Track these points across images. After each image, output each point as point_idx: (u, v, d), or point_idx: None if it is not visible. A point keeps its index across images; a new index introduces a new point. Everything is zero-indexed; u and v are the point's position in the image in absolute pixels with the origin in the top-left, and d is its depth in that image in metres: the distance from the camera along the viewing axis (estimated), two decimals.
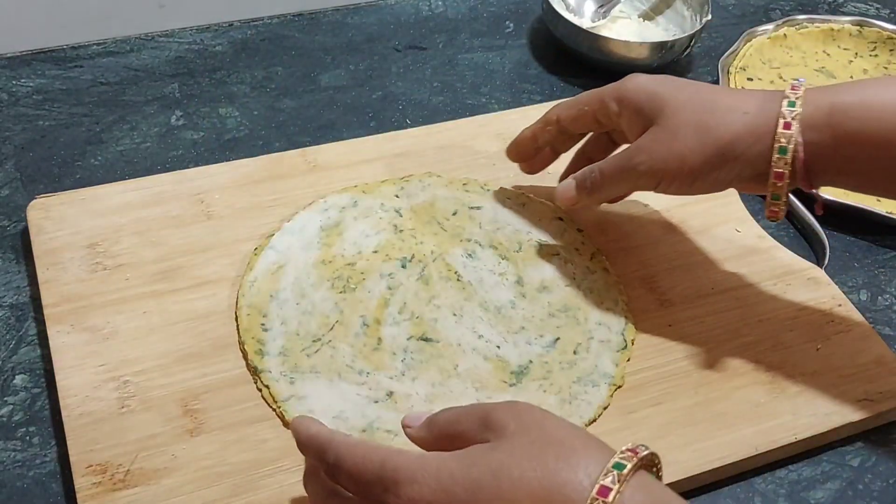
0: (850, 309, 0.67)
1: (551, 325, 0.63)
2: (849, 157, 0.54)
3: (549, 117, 0.66)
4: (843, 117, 0.53)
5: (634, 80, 0.61)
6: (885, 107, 0.53)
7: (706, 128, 0.55)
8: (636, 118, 0.59)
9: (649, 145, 0.58)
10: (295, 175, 0.72)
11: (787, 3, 1.02)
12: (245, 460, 0.55)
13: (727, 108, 0.56)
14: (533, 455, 0.41)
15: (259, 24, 0.91)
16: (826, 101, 0.54)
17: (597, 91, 0.63)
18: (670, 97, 0.57)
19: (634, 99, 0.60)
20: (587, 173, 0.63)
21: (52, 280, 0.63)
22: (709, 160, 0.56)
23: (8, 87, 0.81)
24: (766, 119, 0.54)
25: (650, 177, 0.59)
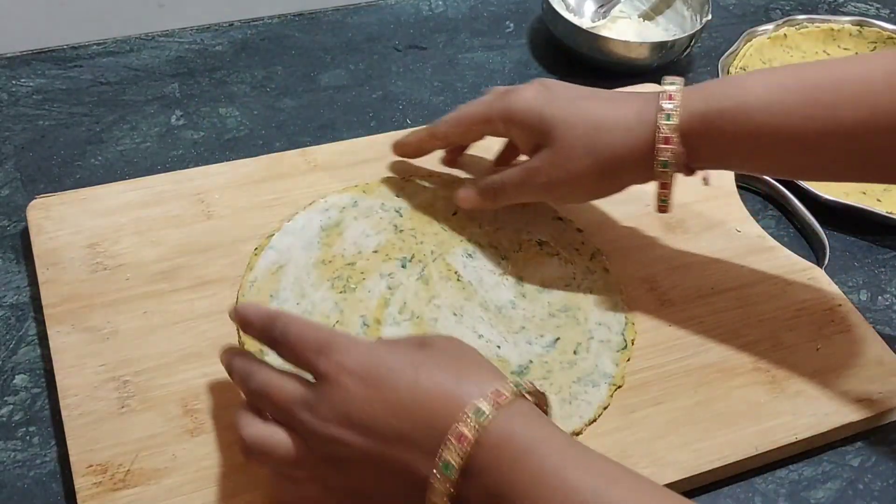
0: (850, 309, 0.67)
1: (551, 325, 0.63)
2: (724, 153, 0.59)
3: (436, 132, 0.67)
4: (717, 120, 0.57)
5: (521, 101, 0.62)
6: (755, 107, 0.56)
7: (595, 149, 0.59)
8: (526, 137, 0.62)
9: (547, 168, 0.61)
10: (295, 175, 0.72)
11: (788, 3, 1.02)
12: (245, 460, 0.55)
13: (611, 126, 0.59)
14: (450, 364, 0.47)
15: (259, 24, 0.91)
16: (700, 107, 0.57)
17: (482, 110, 0.64)
18: (559, 120, 0.60)
19: (522, 120, 0.62)
20: (490, 182, 0.65)
21: (52, 280, 0.63)
22: (602, 176, 0.60)
23: (8, 87, 0.81)
24: (646, 135, 0.58)
25: (550, 192, 0.63)
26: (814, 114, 0.55)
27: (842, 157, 0.56)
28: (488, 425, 0.43)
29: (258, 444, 0.48)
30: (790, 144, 0.56)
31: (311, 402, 0.47)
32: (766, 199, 0.78)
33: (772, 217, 0.77)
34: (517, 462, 0.43)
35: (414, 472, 0.45)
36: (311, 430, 0.47)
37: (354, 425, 0.46)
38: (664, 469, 0.56)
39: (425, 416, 0.45)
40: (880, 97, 0.53)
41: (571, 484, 0.42)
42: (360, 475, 0.47)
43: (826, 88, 0.55)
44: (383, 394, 0.46)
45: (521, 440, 0.44)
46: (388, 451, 0.45)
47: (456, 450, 0.43)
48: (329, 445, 0.46)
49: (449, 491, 0.43)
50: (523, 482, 0.43)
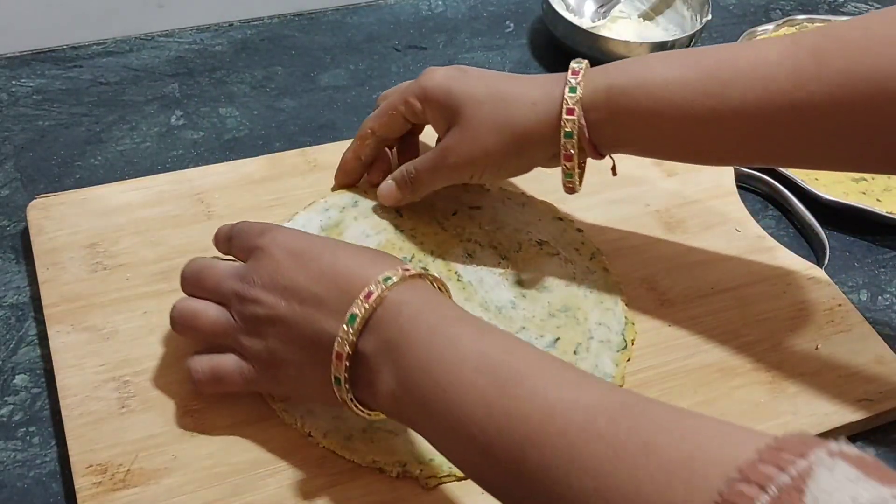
0: (850, 309, 0.67)
1: (551, 325, 0.63)
2: (628, 131, 0.60)
3: (364, 132, 0.68)
4: (620, 97, 0.58)
5: (433, 78, 0.63)
6: (656, 84, 0.57)
7: (502, 123, 0.60)
8: (438, 115, 0.63)
9: (457, 146, 0.62)
10: (295, 175, 0.72)
11: (788, 3, 1.02)
12: (245, 460, 0.55)
13: (517, 101, 0.60)
14: (367, 251, 0.53)
15: (259, 23, 0.91)
16: (604, 82, 0.59)
17: (399, 92, 0.66)
18: (466, 96, 0.61)
19: (434, 97, 0.63)
20: (404, 173, 0.66)
21: (52, 280, 0.63)
22: (510, 151, 0.61)
23: (8, 87, 0.81)
24: (551, 107, 0.59)
25: (462, 172, 0.64)
26: (711, 91, 0.56)
27: (739, 135, 0.58)
28: (394, 288, 0.49)
29: (186, 313, 0.55)
30: (688, 121, 0.57)
31: (242, 273, 0.53)
32: (766, 199, 0.78)
33: (772, 217, 0.77)
34: (413, 318, 0.48)
35: (322, 332, 0.50)
36: (237, 294, 0.53)
37: (277, 288, 0.51)
38: None
39: (340, 283, 0.50)
40: (774, 75, 0.55)
41: (459, 338, 0.47)
42: (276, 339, 0.52)
43: (723, 67, 0.56)
44: (306, 264, 0.52)
45: (421, 303, 0.49)
46: (305, 311, 0.50)
47: (362, 305, 0.48)
48: (251, 306, 0.52)
49: (351, 340, 0.48)
50: (417, 332, 0.47)
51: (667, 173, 0.76)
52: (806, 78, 0.54)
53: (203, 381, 0.55)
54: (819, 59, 0.54)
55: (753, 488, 0.33)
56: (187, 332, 0.56)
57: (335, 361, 0.49)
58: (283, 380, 0.53)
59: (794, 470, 0.33)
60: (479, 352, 0.46)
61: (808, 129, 0.56)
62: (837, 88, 0.54)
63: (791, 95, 0.55)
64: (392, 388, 0.48)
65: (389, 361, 0.48)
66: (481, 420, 0.43)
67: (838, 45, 0.54)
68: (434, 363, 0.46)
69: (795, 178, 0.77)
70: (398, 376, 0.47)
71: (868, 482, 0.33)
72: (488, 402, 0.44)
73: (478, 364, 0.45)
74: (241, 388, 0.55)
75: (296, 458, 0.55)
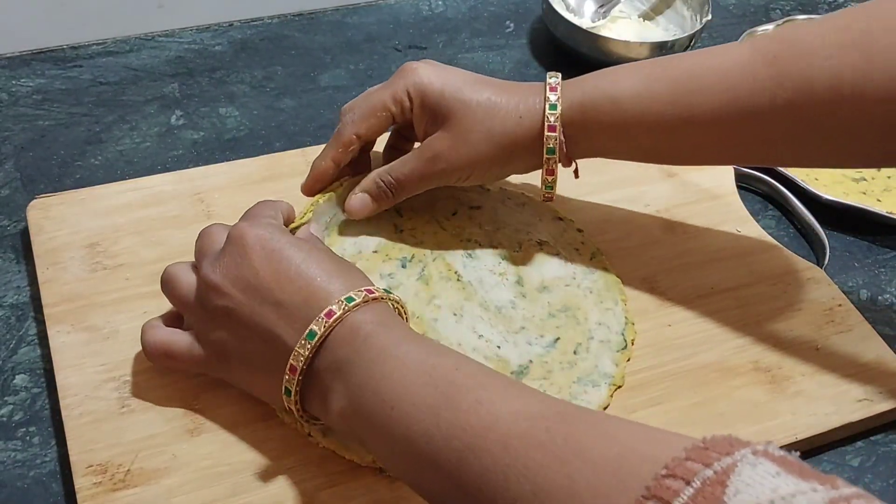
0: (850, 309, 0.67)
1: (551, 325, 0.63)
2: (601, 141, 0.62)
3: (345, 139, 0.64)
4: (592, 111, 0.61)
5: (423, 77, 0.62)
6: (626, 98, 0.60)
7: (491, 134, 0.61)
8: (425, 115, 0.63)
9: (447, 152, 0.62)
10: (295, 175, 0.72)
11: (788, 3, 1.02)
12: (245, 460, 0.55)
13: (506, 112, 0.61)
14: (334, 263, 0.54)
15: (259, 23, 0.91)
16: (578, 98, 0.61)
17: (385, 93, 0.63)
18: (458, 102, 0.62)
19: (427, 98, 0.62)
20: (380, 183, 0.64)
21: (52, 280, 0.63)
22: (497, 160, 0.63)
23: (8, 87, 0.81)
24: (535, 122, 0.61)
25: (450, 177, 0.64)
26: (678, 101, 0.59)
27: (707, 141, 0.60)
28: (355, 309, 0.50)
29: (168, 276, 0.57)
30: (658, 131, 0.60)
31: (217, 257, 0.54)
32: (766, 199, 0.78)
33: (772, 217, 0.77)
34: (367, 338, 0.49)
35: (278, 339, 0.51)
36: (206, 278, 0.54)
37: (242, 283, 0.52)
38: None
39: (303, 294, 0.51)
40: (736, 82, 0.57)
41: (408, 355, 0.48)
42: (234, 331, 0.53)
43: (688, 77, 0.59)
44: (274, 265, 0.52)
45: (375, 324, 0.50)
46: (263, 312, 0.51)
47: (323, 323, 0.49)
48: (215, 296, 0.53)
49: (307, 356, 0.49)
50: (368, 353, 0.49)
51: (667, 173, 0.76)
52: (764, 83, 0.57)
53: (153, 352, 0.56)
54: (777, 65, 0.56)
55: (679, 482, 0.35)
56: (165, 294, 0.57)
57: (288, 374, 0.50)
58: (232, 371, 0.55)
59: (719, 465, 0.35)
60: (428, 368, 0.47)
61: (771, 131, 0.58)
62: (795, 93, 0.56)
63: (751, 101, 0.57)
64: (342, 406, 0.49)
65: (341, 379, 0.49)
66: (427, 431, 0.45)
67: (795, 50, 0.56)
68: (384, 381, 0.47)
69: (795, 178, 0.77)
70: (348, 395, 0.49)
71: (789, 477, 0.35)
72: (435, 413, 0.45)
73: (426, 380, 0.47)
74: (188, 368, 0.56)
75: (296, 458, 0.55)
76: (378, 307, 0.51)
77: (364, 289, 0.51)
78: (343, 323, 0.50)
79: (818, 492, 0.34)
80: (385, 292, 0.53)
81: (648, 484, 0.36)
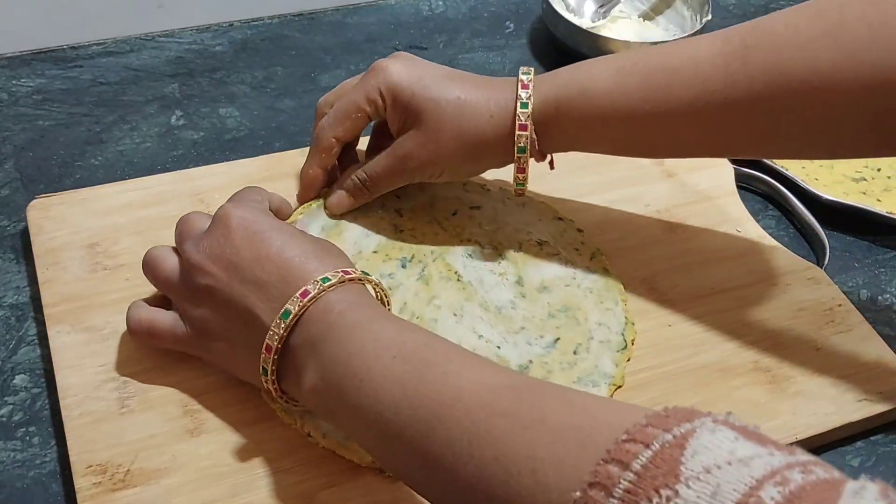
0: (850, 309, 0.67)
1: (551, 326, 0.63)
2: (575, 136, 0.62)
3: (326, 144, 0.65)
4: (566, 107, 0.61)
5: (394, 76, 0.63)
6: (598, 93, 0.60)
7: (461, 132, 0.62)
8: (397, 115, 0.63)
9: (417, 150, 0.63)
10: (295, 175, 0.72)
11: (788, 3, 1.01)
12: (245, 460, 0.55)
13: (476, 111, 0.62)
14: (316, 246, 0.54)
15: (259, 24, 0.91)
16: (552, 94, 0.61)
17: (361, 93, 0.63)
18: (428, 101, 0.62)
19: (399, 98, 0.63)
20: (356, 181, 0.66)
21: (52, 280, 0.63)
22: (468, 157, 0.63)
23: (8, 87, 0.81)
24: (505, 120, 0.61)
25: (421, 174, 0.65)
26: (650, 96, 0.59)
27: (681, 134, 0.60)
28: (329, 290, 0.51)
29: (151, 257, 0.58)
30: (631, 125, 0.60)
31: (200, 237, 0.55)
32: (766, 199, 0.78)
33: (772, 217, 0.77)
34: (340, 315, 0.50)
35: (256, 318, 0.51)
36: (189, 257, 0.55)
37: (222, 260, 0.53)
38: None
39: (282, 273, 0.52)
40: (707, 75, 0.57)
41: (381, 332, 0.49)
42: (211, 310, 0.54)
43: (662, 70, 0.59)
44: (255, 245, 0.53)
45: (349, 302, 0.51)
46: (243, 290, 0.52)
47: (297, 302, 0.50)
48: (198, 274, 0.54)
49: (282, 335, 0.50)
50: (341, 329, 0.49)
51: (667, 173, 0.76)
52: (736, 75, 0.57)
53: (137, 330, 0.57)
54: (747, 57, 0.57)
55: (638, 446, 0.36)
56: (147, 276, 0.58)
57: (264, 353, 0.51)
58: (213, 351, 0.55)
59: (679, 431, 0.36)
60: (399, 343, 0.48)
61: (745, 123, 0.58)
62: (768, 85, 0.56)
63: (724, 93, 0.57)
64: (314, 382, 0.50)
65: (314, 356, 0.50)
66: (395, 403, 0.46)
67: (767, 41, 0.56)
68: (354, 356, 0.48)
69: (795, 178, 0.77)
70: (319, 370, 0.49)
71: (747, 442, 0.36)
72: (403, 386, 0.46)
73: (395, 353, 0.47)
74: (171, 347, 0.57)
75: (296, 458, 0.55)
76: (354, 288, 0.52)
77: (341, 270, 0.52)
78: (317, 302, 0.50)
79: (775, 456, 0.35)
80: (364, 274, 0.53)
81: (609, 447, 0.37)
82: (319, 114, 0.68)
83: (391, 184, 0.66)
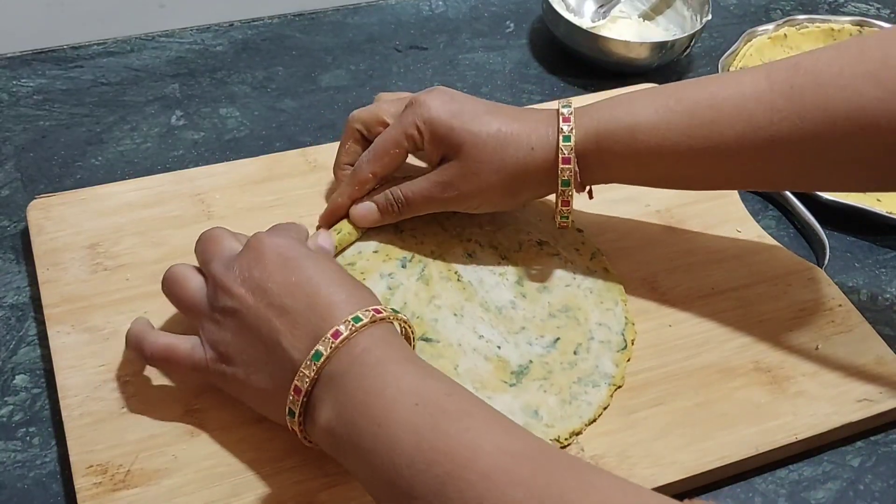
0: (850, 309, 0.67)
1: (552, 326, 0.63)
2: (616, 170, 0.63)
3: (362, 178, 0.65)
4: (608, 142, 0.61)
5: (433, 112, 0.63)
6: (641, 128, 0.60)
7: (502, 165, 0.62)
8: (435, 148, 0.63)
9: (457, 182, 0.63)
10: (295, 175, 0.72)
11: (788, 3, 1.02)
12: (245, 461, 0.55)
13: (517, 144, 0.62)
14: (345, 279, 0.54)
15: (259, 24, 0.91)
16: (593, 128, 0.61)
17: (400, 129, 0.63)
18: (468, 134, 0.62)
19: (437, 133, 0.62)
20: (391, 199, 0.65)
21: (53, 280, 0.63)
22: (508, 191, 0.64)
23: (8, 87, 0.81)
24: (548, 154, 0.61)
25: (458, 205, 0.65)
26: (693, 132, 0.59)
27: (723, 170, 0.61)
28: (362, 330, 0.50)
29: (173, 276, 0.57)
30: (673, 160, 0.60)
31: (230, 260, 0.54)
32: (766, 199, 0.78)
33: (772, 217, 0.77)
34: (363, 354, 0.49)
35: (278, 344, 0.51)
36: (217, 277, 0.54)
37: (252, 286, 0.52)
38: (665, 469, 0.57)
39: (308, 300, 0.51)
40: (752, 112, 0.58)
41: (401, 376, 0.48)
42: (235, 332, 0.53)
43: (705, 107, 0.59)
44: (287, 272, 0.52)
45: (376, 342, 0.50)
46: (269, 315, 0.51)
47: (329, 344, 0.49)
48: (224, 295, 0.53)
49: (314, 378, 0.49)
50: (361, 368, 0.48)
51: None
52: (783, 112, 0.57)
53: (154, 355, 0.55)
54: (793, 95, 0.57)
55: None
56: (169, 297, 0.57)
57: (293, 394, 0.50)
58: (231, 378, 0.53)
59: None
60: (419, 390, 0.47)
61: (789, 159, 0.58)
62: (815, 123, 0.56)
63: (770, 130, 0.57)
64: (329, 417, 0.48)
65: (331, 391, 0.49)
66: (410, 454, 0.45)
67: (811, 80, 0.57)
68: (372, 398, 0.47)
69: None
70: (336, 407, 0.48)
71: None
72: (420, 435, 0.45)
73: (415, 400, 0.46)
74: (189, 375, 0.56)
75: (296, 458, 0.55)
76: (383, 326, 0.51)
77: (372, 308, 0.51)
78: (348, 342, 0.49)
79: None
80: (393, 312, 0.52)
81: None
82: (349, 128, 0.67)
83: (425, 209, 0.65)
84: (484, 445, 0.44)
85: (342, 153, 0.68)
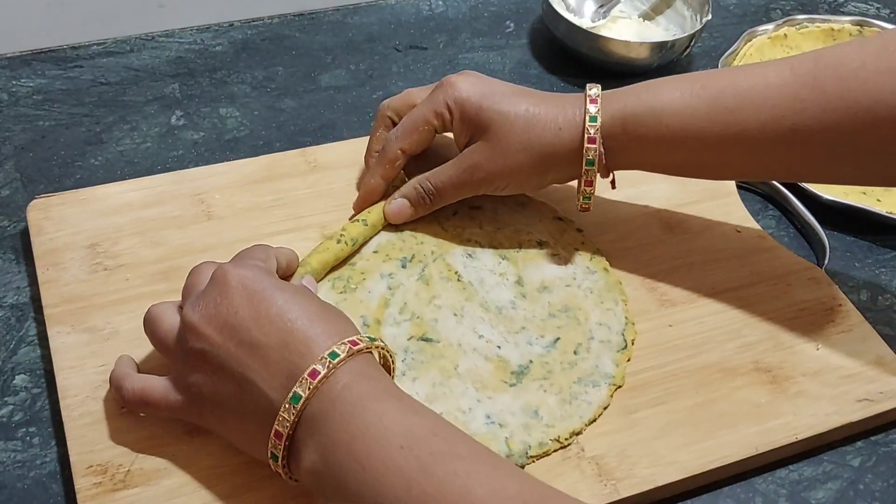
0: (850, 309, 0.67)
1: (552, 326, 0.63)
2: (640, 155, 0.64)
3: (392, 155, 0.66)
4: (634, 125, 0.62)
5: (462, 91, 0.64)
6: (666, 113, 0.61)
7: (530, 145, 0.63)
8: (465, 128, 0.64)
9: (485, 162, 0.64)
10: (295, 175, 0.72)
11: (788, 3, 1.02)
12: (245, 460, 0.55)
13: (545, 124, 0.63)
14: (319, 308, 0.51)
15: (259, 23, 0.91)
16: (619, 110, 0.62)
17: (430, 107, 0.64)
18: (496, 115, 0.63)
19: (466, 112, 0.63)
20: (420, 190, 0.66)
21: (53, 280, 0.63)
22: (535, 170, 0.64)
23: (8, 87, 0.81)
24: (574, 134, 0.62)
25: (488, 186, 0.65)
26: (717, 118, 0.60)
27: (746, 158, 0.62)
28: (340, 366, 0.48)
29: (151, 316, 0.55)
30: (697, 146, 0.61)
31: (199, 297, 0.52)
32: (766, 199, 0.78)
33: (772, 217, 0.77)
34: (343, 392, 0.47)
35: (252, 384, 0.49)
36: (184, 317, 0.52)
37: (219, 323, 0.50)
38: (665, 469, 0.56)
39: (281, 334, 0.49)
40: (775, 102, 0.59)
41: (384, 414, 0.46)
42: (206, 374, 0.51)
43: (729, 94, 0.60)
44: (254, 305, 0.50)
45: (355, 377, 0.48)
46: (239, 354, 0.49)
47: (307, 385, 0.47)
48: (192, 337, 0.51)
49: (294, 421, 0.47)
50: (343, 406, 0.47)
51: None
52: (806, 103, 0.58)
53: (130, 400, 0.54)
54: (817, 88, 0.58)
55: None
56: (147, 335, 0.55)
57: (274, 439, 0.48)
58: (207, 418, 0.52)
59: None
60: (404, 430, 0.46)
61: (808, 150, 0.59)
62: (835, 114, 0.57)
63: (793, 119, 0.58)
64: (313, 460, 0.47)
65: (314, 437, 0.47)
66: (399, 498, 0.43)
67: (833, 73, 0.58)
68: (357, 440, 0.46)
69: None
70: (320, 450, 0.47)
71: None
72: (408, 481, 0.44)
73: (402, 442, 0.45)
74: (167, 416, 0.54)
75: None
76: (361, 359, 0.49)
77: (348, 341, 0.49)
78: (327, 381, 0.47)
79: None
80: (370, 340, 0.50)
81: None
82: (381, 115, 0.68)
83: (456, 195, 0.66)
84: (475, 488, 0.43)
85: (373, 140, 0.69)
